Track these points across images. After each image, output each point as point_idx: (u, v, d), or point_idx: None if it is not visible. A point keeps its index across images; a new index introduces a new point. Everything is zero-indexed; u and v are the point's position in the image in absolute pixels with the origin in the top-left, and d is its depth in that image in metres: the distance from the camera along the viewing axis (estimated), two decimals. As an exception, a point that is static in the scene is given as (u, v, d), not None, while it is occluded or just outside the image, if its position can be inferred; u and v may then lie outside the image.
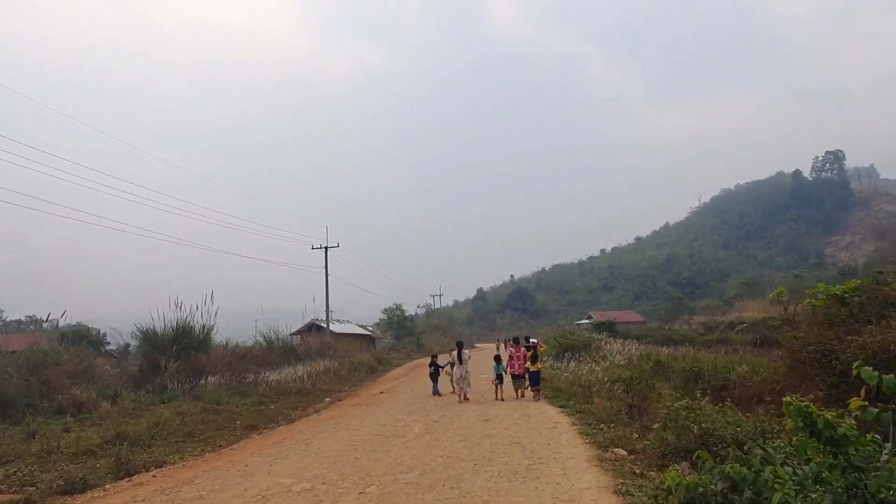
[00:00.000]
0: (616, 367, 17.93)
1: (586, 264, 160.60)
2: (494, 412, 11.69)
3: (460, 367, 16.07)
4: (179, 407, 17.39)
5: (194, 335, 28.18)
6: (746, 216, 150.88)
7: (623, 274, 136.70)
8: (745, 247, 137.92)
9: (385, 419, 11.34)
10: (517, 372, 15.83)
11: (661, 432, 7.07)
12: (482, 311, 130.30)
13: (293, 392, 20.03)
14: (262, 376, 23.99)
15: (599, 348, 22.90)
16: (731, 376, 11.75)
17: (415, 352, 50.64)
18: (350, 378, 25.62)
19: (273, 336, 34.31)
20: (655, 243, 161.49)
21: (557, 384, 16.03)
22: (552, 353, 24.64)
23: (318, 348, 35.76)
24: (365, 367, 29.51)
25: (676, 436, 6.48)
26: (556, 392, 15.00)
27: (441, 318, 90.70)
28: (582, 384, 15.37)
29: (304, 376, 23.11)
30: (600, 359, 19.86)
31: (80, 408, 18.21)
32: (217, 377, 23.41)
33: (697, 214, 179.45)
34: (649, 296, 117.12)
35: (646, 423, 8.92)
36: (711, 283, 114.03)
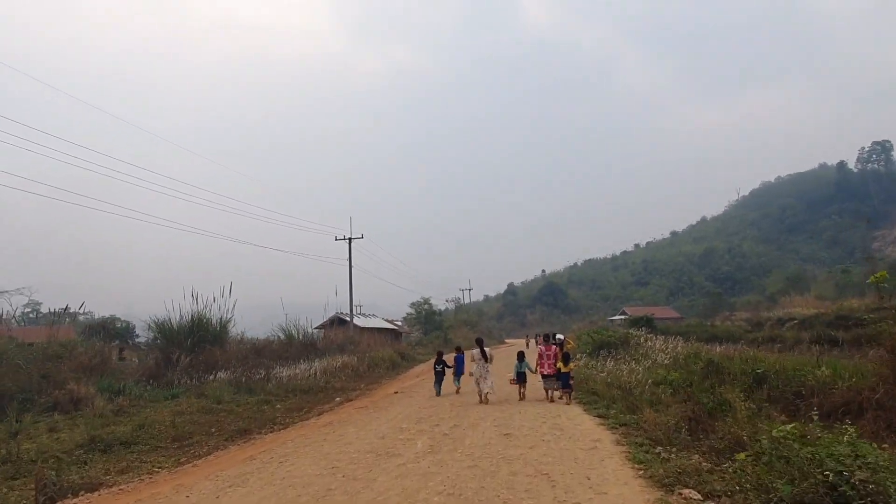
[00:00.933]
0: (660, 367, 15.93)
1: (619, 259, 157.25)
2: (518, 422, 9.73)
3: (481, 366, 14.58)
4: (179, 405, 16.06)
5: (210, 328, 27.18)
6: (788, 209, 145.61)
7: (658, 269, 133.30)
8: (787, 241, 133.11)
9: (387, 429, 9.60)
10: (547, 372, 14.31)
11: (757, 471, 5.03)
12: (512, 306, 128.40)
13: (303, 390, 18.57)
14: (274, 372, 22.58)
15: (639, 346, 20.81)
16: (807, 380, 9.72)
17: (442, 347, 48.78)
18: (369, 375, 24.08)
19: (293, 330, 32.96)
20: (692, 238, 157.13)
21: (593, 386, 14.09)
22: (586, 351, 22.68)
23: (339, 343, 34.31)
24: (386, 363, 27.94)
25: (790, 481, 4.43)
26: (592, 396, 13.07)
27: (470, 312, 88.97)
28: (622, 387, 13.45)
29: (316, 373, 21.57)
30: (641, 357, 17.82)
31: (76, 404, 17.01)
32: (227, 373, 22.09)
33: (736, 208, 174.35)
34: (685, 291, 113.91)
35: (714, 444, 6.93)
36: (752, 278, 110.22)
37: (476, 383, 14.41)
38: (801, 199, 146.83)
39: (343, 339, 36.06)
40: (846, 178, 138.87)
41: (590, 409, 11.01)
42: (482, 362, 14.58)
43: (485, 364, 14.55)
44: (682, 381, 13.60)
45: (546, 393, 14.22)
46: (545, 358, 14.43)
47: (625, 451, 7.42)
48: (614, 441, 8.09)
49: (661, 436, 7.48)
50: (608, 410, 10.46)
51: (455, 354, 17.70)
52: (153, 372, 23.25)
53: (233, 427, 11.95)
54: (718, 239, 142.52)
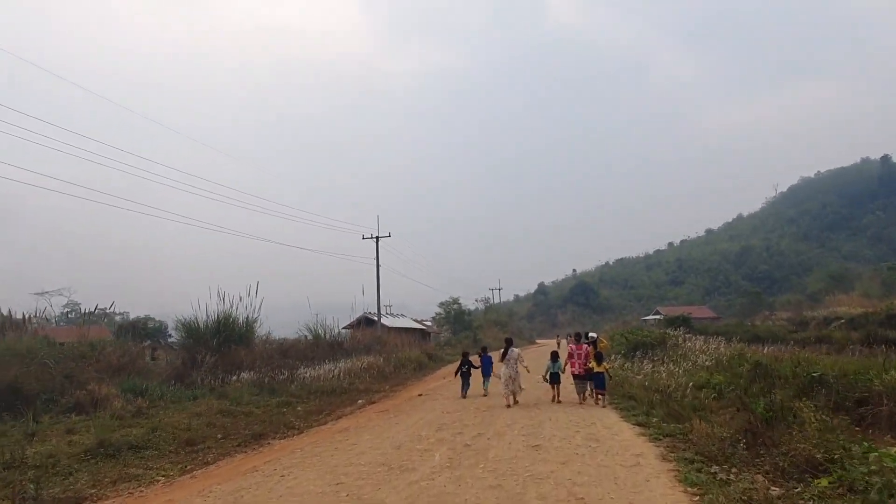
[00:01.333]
0: (701, 369, 14.93)
1: (653, 258, 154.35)
2: (549, 431, 8.92)
3: (509, 367, 13.85)
4: (199, 407, 15.65)
5: (236, 328, 26.93)
6: (829, 206, 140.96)
7: (692, 268, 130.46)
8: (828, 238, 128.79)
9: (404, 437, 8.85)
10: (578, 372, 13.58)
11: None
12: (543, 305, 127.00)
13: (326, 392, 18.01)
14: (298, 373, 22.12)
15: (677, 346, 19.72)
16: (873, 386, 8.68)
17: (470, 347, 48.04)
18: (394, 376, 23.46)
19: (319, 330, 32.56)
20: (728, 235, 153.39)
21: (630, 390, 13.17)
22: (620, 352, 21.68)
23: (366, 343, 33.79)
24: (413, 363, 27.30)
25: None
26: (629, 400, 12.16)
27: (500, 312, 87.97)
28: (661, 390, 12.54)
29: (339, 374, 21.01)
30: (679, 359, 16.79)
31: (97, 405, 16.74)
32: (251, 373, 21.72)
33: (774, 205, 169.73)
34: (721, 291, 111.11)
35: (778, 461, 5.97)
36: (791, 277, 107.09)
37: (504, 385, 13.84)
38: (842, 194, 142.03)
39: (370, 339, 35.53)
40: (890, 173, 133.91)
41: (628, 415, 10.08)
42: (511, 363, 13.95)
43: (514, 365, 13.91)
44: (727, 384, 12.63)
45: (579, 395, 13.64)
46: (576, 357, 13.80)
47: (673, 470, 6.43)
48: (659, 456, 7.12)
49: (714, 451, 6.53)
50: (648, 418, 9.48)
51: (481, 355, 17.04)
52: (179, 372, 23.12)
53: (248, 431, 11.39)
54: (755, 237, 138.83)
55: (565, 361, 14.10)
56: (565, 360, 14.16)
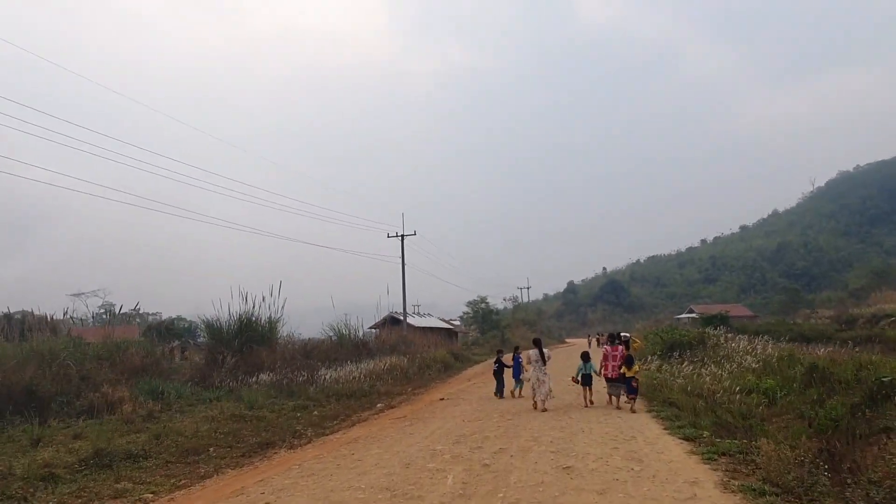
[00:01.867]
0: (747, 371, 13.72)
1: (685, 255, 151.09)
2: (582, 446, 7.69)
3: (538, 369, 12.98)
4: (212, 410, 14.99)
5: (258, 328, 26.48)
6: (870, 200, 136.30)
7: (727, 265, 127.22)
8: (869, 233, 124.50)
9: (417, 451, 7.80)
10: (612, 375, 12.66)
11: None
12: (573, 304, 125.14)
13: (346, 395, 17.23)
14: (319, 374, 21.42)
15: (718, 346, 18.42)
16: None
17: (499, 347, 47.05)
18: (418, 377, 22.58)
19: (344, 330, 31.88)
20: (763, 232, 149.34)
21: (670, 395, 12.04)
22: (656, 352, 20.46)
23: (391, 343, 33.02)
24: (438, 364, 26.41)
25: None
26: (671, 407, 11.05)
27: (529, 311, 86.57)
28: (705, 396, 11.43)
29: (360, 376, 20.21)
30: (722, 360, 15.53)
31: (110, 408, 16.24)
32: (270, 375, 21.10)
33: (811, 200, 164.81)
34: (757, 288, 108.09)
35: (874, 497, 4.86)
36: (830, 273, 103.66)
37: (532, 388, 12.99)
38: (883, 188, 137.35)
39: (395, 339, 34.76)
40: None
41: (672, 427, 8.90)
42: (539, 364, 13.06)
43: (542, 367, 13.02)
44: (779, 390, 11.44)
45: (609, 398, 12.74)
46: (610, 360, 12.85)
47: (741, 504, 5.22)
48: (719, 484, 5.80)
49: (789, 480, 5.33)
50: (697, 431, 8.27)
51: (513, 355, 16.16)
52: (202, 373, 22.80)
53: (255, 439, 10.60)
54: (792, 233, 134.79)
55: (600, 364, 13.18)
56: (599, 362, 13.26)
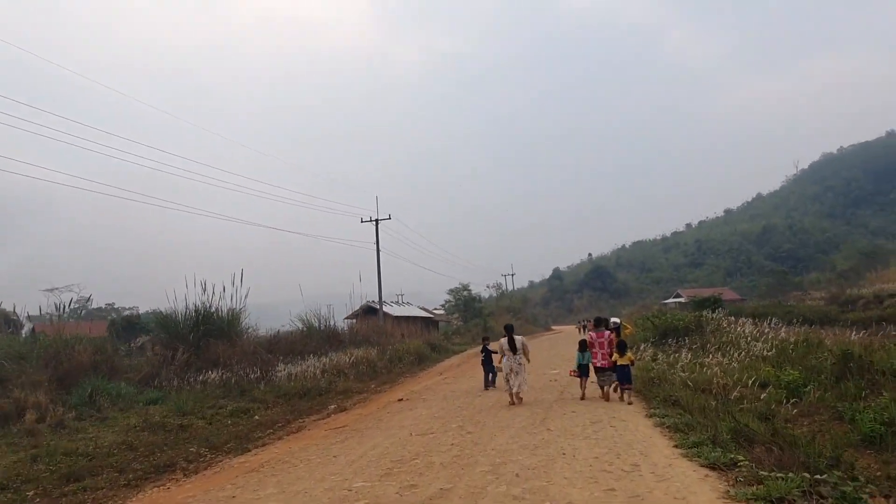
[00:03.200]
0: (759, 360, 11.72)
1: (670, 240, 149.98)
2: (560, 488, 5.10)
3: (511, 359, 11.61)
4: (131, 418, 12.79)
5: (218, 321, 24.26)
6: (854, 182, 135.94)
7: (712, 249, 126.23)
8: (854, 215, 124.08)
9: (321, 495, 5.37)
10: (601, 364, 11.40)
11: None
12: (558, 291, 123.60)
13: (299, 394, 15.08)
14: (278, 370, 19.26)
15: (719, 331, 16.40)
16: None
17: (480, 335, 45.02)
18: (387, 371, 20.43)
19: (314, 320, 29.59)
20: (748, 215, 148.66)
21: (671, 391, 9.96)
22: (649, 339, 18.50)
23: (364, 334, 30.83)
24: (412, 355, 24.22)
25: None
26: (673, 406, 8.98)
27: (514, 298, 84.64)
28: (713, 392, 9.38)
29: (321, 371, 18.04)
30: (727, 347, 13.49)
31: (21, 415, 14.03)
32: (221, 372, 18.91)
33: (794, 183, 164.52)
34: (743, 271, 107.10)
35: None
36: (816, 255, 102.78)
37: (506, 380, 11.55)
38: (867, 169, 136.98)
39: (368, 329, 32.61)
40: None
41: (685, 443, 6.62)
42: (511, 354, 11.63)
43: (515, 357, 11.59)
44: (804, 383, 9.43)
45: (602, 390, 11.36)
46: (597, 347, 11.56)
47: None
48: None
49: None
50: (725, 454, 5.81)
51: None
52: (153, 371, 20.81)
53: (154, 461, 8.38)
54: (777, 215, 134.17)
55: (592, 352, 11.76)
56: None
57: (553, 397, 11.25)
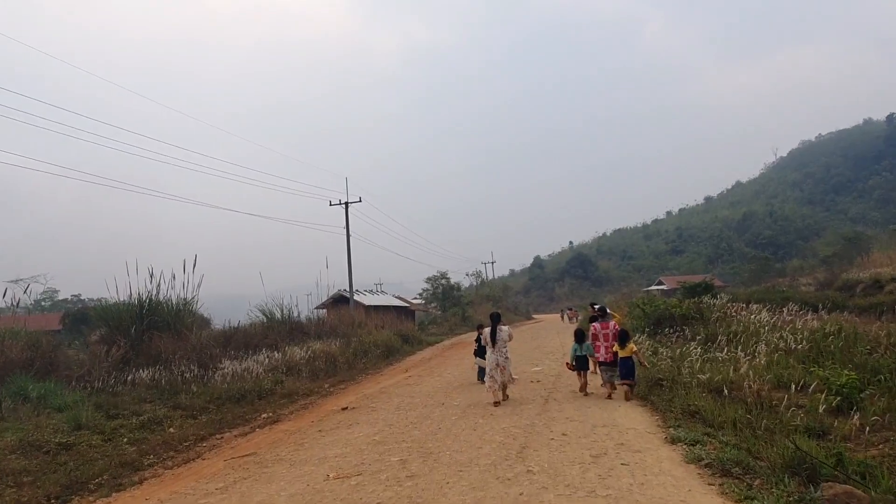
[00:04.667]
0: (789, 356, 9.58)
1: (651, 228, 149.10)
2: None
3: (496, 352, 10.24)
4: (11, 434, 10.35)
5: (167, 312, 21.82)
6: (833, 168, 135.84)
7: (693, 236, 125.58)
8: (834, 201, 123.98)
9: None
10: (604, 358, 10.17)
11: None
12: (539, 279, 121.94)
13: (234, 397, 12.71)
14: (221, 367, 16.86)
15: (727, 321, 14.22)
16: None
17: (459, 326, 42.82)
18: (350, 366, 18.12)
19: (275, 311, 27.07)
20: (728, 202, 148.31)
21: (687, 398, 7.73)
22: (644, 329, 16.42)
23: (332, 325, 28.42)
24: (380, 348, 21.88)
25: None
26: (693, 418, 6.82)
27: (494, 287, 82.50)
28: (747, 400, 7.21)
29: (262, 371, 15.64)
30: (744, 339, 11.30)
31: None
32: (150, 371, 16.49)
33: (774, 170, 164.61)
34: (725, 258, 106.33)
35: None
36: (797, 242, 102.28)
37: (488, 376, 10.18)
38: (846, 156, 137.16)
39: (334, 320, 30.21)
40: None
41: (735, 490, 4.42)
42: (499, 346, 10.30)
43: (502, 349, 10.29)
44: (859, 388, 7.28)
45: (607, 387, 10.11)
46: (602, 339, 10.29)
47: None
48: None
49: None
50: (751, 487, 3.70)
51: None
52: (87, 370, 18.42)
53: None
54: (757, 202, 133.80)
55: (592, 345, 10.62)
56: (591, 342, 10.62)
57: (535, 409, 9.00)
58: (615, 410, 8.05)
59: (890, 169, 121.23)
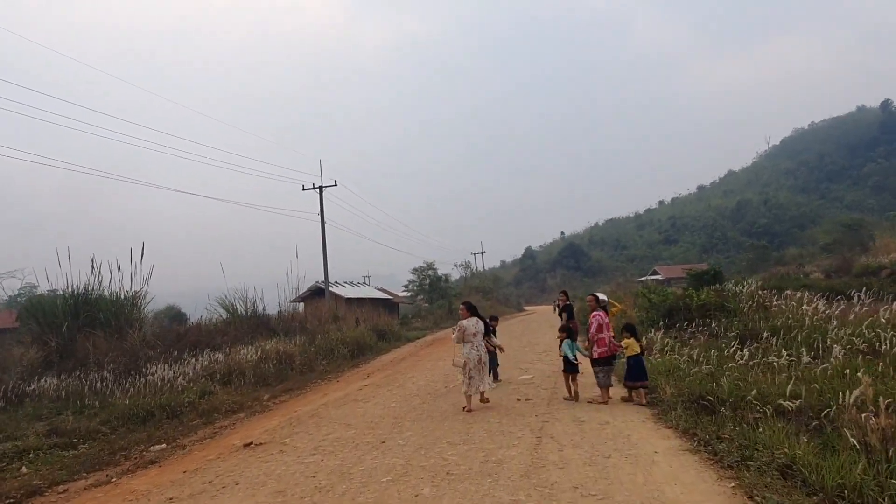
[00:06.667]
0: (872, 360, 6.89)
1: (644, 217, 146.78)
2: None
3: (473, 348, 8.76)
4: None
5: (106, 306, 19.12)
6: (827, 156, 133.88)
7: (687, 225, 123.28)
8: (829, 189, 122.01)
9: None
10: (599, 353, 8.61)
11: None
12: (531, 270, 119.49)
13: (140, 416, 9.87)
14: (151, 372, 14.09)
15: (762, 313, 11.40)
16: None
17: (444, 319, 39.95)
18: (308, 369, 15.30)
19: (239, 305, 24.17)
20: (721, 191, 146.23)
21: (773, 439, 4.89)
22: (655, 322, 13.71)
23: (301, 319, 25.60)
24: (349, 346, 19.01)
25: None
26: (784, 475, 4.10)
27: (484, 278, 79.68)
28: (863, 442, 4.45)
29: (187, 380, 12.76)
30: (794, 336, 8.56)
31: None
32: (59, 379, 13.75)
33: (767, 158, 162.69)
34: (720, 248, 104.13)
35: None
36: (792, 230, 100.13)
37: (467, 378, 8.58)
38: (840, 143, 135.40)
39: (308, 314, 27.42)
40: (892, 119, 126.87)
41: None
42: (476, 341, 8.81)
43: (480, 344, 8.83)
44: None
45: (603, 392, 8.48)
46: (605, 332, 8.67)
47: None
48: None
49: None
50: None
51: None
52: None
53: None
54: (751, 191, 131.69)
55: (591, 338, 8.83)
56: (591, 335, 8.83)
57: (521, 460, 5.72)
58: (653, 467, 5.06)
59: (885, 156, 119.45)
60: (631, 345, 8.48)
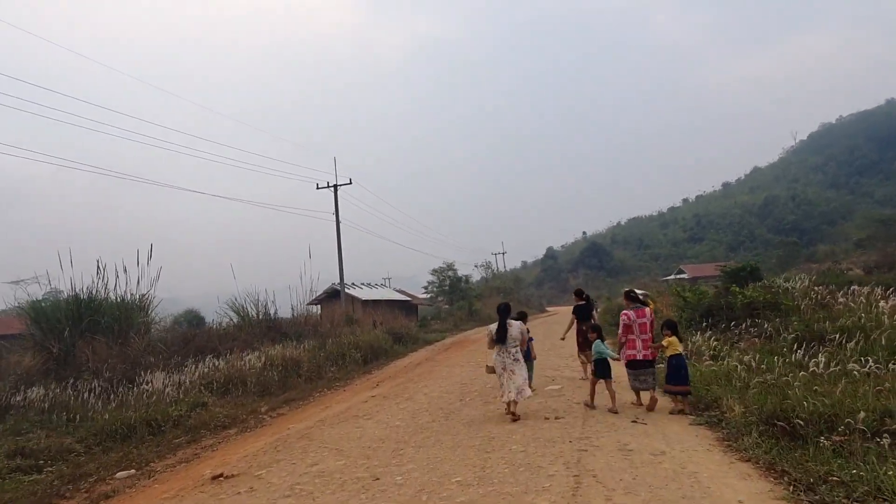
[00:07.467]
0: None
1: (667, 215, 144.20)
2: None
3: (503, 352, 7.85)
4: None
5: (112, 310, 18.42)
6: (857, 150, 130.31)
7: (712, 223, 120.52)
8: (858, 184, 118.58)
9: None
10: (642, 356, 7.61)
11: None
12: (552, 270, 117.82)
13: (117, 434, 8.82)
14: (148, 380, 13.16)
15: (823, 312, 10.00)
16: None
17: (465, 321, 38.75)
18: (317, 376, 14.22)
19: (251, 308, 23.20)
20: (747, 187, 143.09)
21: None
22: (700, 322, 12.38)
23: (314, 322, 24.61)
24: (361, 351, 17.91)
25: None
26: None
27: (505, 279, 78.32)
28: None
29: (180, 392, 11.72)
30: (872, 341, 7.20)
31: None
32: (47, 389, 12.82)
33: (794, 153, 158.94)
34: (747, 245, 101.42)
35: None
36: (822, 226, 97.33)
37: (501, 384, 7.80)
38: (870, 137, 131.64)
39: (323, 316, 26.42)
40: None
41: None
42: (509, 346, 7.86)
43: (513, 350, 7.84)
44: None
45: (637, 395, 7.81)
46: (639, 331, 7.68)
47: None
48: None
49: None
50: None
51: None
52: None
53: None
54: (778, 187, 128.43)
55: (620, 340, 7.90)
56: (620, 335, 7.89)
57: (558, 502, 4.46)
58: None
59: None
60: (672, 343, 7.44)
